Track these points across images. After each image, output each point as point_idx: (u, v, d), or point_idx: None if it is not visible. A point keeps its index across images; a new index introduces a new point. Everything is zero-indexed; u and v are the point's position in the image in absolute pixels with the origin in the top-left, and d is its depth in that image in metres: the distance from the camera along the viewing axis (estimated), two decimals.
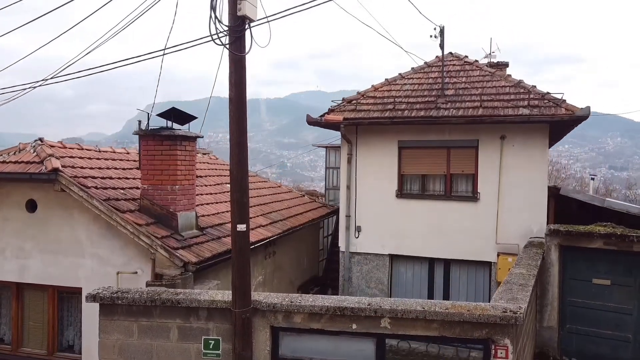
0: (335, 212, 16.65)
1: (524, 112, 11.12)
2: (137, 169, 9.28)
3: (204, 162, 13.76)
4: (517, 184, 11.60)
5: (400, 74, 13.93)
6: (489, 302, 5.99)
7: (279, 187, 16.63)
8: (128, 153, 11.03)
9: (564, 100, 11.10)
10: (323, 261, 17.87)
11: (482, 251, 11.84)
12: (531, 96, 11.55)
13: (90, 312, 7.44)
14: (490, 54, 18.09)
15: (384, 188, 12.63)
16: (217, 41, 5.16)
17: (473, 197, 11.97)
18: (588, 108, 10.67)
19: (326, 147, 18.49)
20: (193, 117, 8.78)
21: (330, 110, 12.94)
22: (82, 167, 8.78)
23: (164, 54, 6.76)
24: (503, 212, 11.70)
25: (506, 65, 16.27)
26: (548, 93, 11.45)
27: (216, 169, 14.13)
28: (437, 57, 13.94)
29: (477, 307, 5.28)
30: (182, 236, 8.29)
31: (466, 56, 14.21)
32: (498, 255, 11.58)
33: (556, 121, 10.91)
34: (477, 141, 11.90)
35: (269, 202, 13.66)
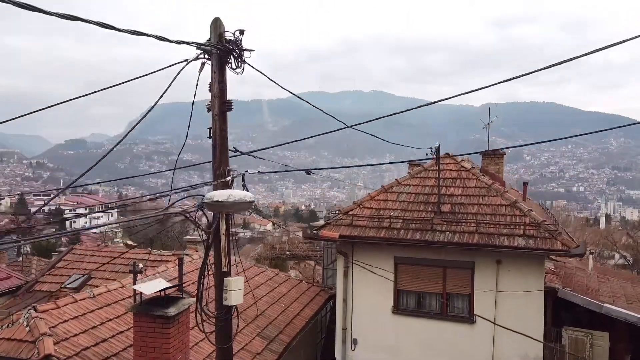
0: (333, 296, 16.64)
1: (520, 242, 11.09)
2: (131, 312, 9.27)
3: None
4: (513, 308, 11.57)
5: (397, 179, 13.90)
6: None
7: (277, 275, 16.60)
8: (123, 287, 11.03)
9: (560, 233, 11.06)
10: (321, 342, 17.84)
11: None
12: (527, 221, 11.50)
13: None
14: (489, 123, 18.25)
15: (380, 303, 12.61)
16: (201, 326, 5.14)
17: (469, 318, 11.94)
18: (584, 247, 10.63)
19: None
20: (183, 297, 8.81)
21: (327, 223, 12.93)
22: (75, 335, 8.77)
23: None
24: (499, 336, 11.67)
25: (503, 154, 16.28)
26: (544, 221, 11.40)
27: None
28: (433, 159, 13.86)
29: None
30: None
31: (462, 160, 14.14)
32: None
33: None
34: (473, 263, 11.87)
35: (265, 309, 13.63)
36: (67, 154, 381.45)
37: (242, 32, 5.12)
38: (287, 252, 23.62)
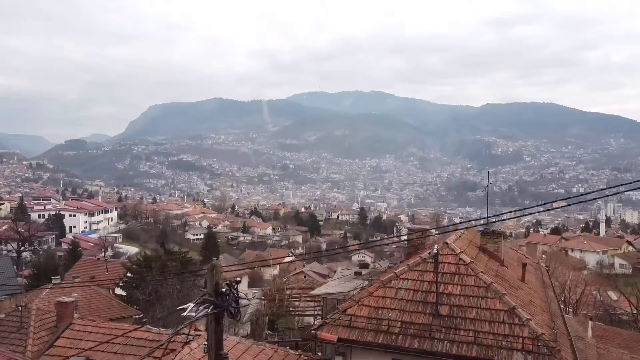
0: None
1: (518, 358, 11.07)
2: None
3: None
4: None
5: (395, 273, 13.86)
6: None
7: (275, 352, 16.55)
8: None
9: (559, 350, 11.03)
10: None
11: None
12: (526, 333, 11.48)
13: None
14: (487, 185, 18.34)
15: None
16: None
17: None
18: None
19: (323, 298, 18.55)
20: None
21: (325, 323, 12.91)
22: None
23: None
24: None
25: (501, 233, 16.29)
26: (542, 334, 11.38)
27: None
28: (431, 253, 13.83)
29: None
30: None
31: (461, 252, 14.11)
32: None
33: None
34: None
35: None
36: (67, 155, 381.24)
37: (238, 282, 5.12)
38: (287, 304, 23.54)
